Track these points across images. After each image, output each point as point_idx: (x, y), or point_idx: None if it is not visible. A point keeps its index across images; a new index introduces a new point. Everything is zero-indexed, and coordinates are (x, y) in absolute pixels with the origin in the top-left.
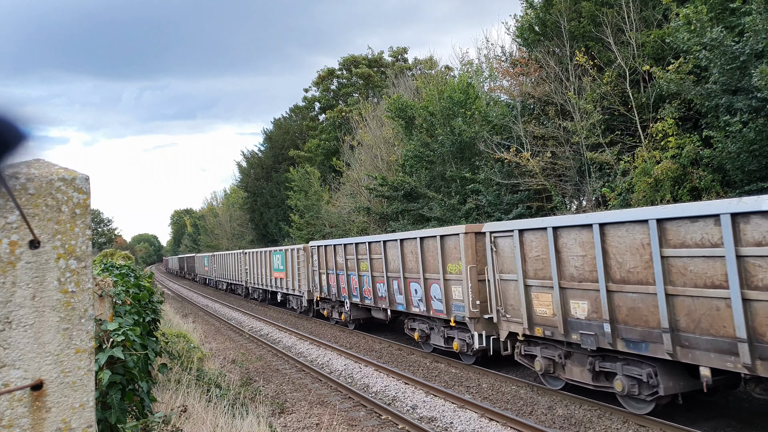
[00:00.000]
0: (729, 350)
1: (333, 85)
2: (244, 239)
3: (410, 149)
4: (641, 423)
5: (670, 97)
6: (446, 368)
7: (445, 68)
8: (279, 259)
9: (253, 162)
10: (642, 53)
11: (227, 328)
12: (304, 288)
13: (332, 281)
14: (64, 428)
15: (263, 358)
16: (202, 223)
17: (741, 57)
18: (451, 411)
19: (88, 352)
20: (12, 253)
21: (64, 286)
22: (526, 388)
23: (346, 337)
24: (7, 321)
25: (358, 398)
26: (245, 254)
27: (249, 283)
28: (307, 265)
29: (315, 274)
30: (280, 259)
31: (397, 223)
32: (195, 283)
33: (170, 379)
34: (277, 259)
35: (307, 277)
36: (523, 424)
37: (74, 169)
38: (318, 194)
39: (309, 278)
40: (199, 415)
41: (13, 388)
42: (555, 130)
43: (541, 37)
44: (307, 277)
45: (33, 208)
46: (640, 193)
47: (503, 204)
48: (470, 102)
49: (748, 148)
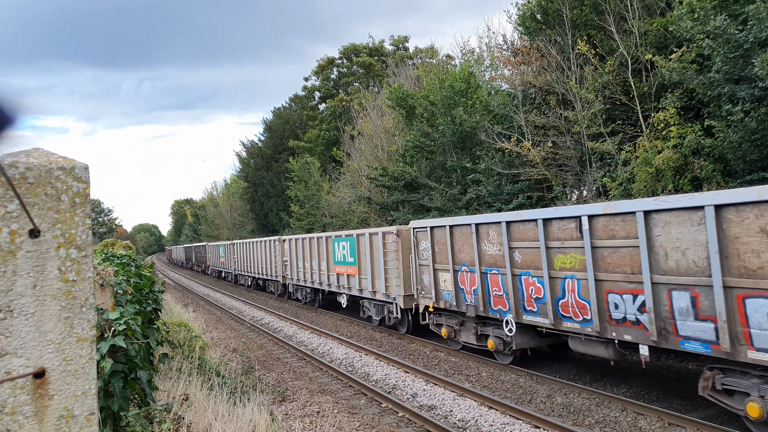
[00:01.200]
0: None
1: (333, 74)
2: (245, 229)
3: (411, 139)
4: (639, 411)
5: (672, 87)
6: (446, 357)
7: (446, 57)
8: (346, 247)
9: (253, 152)
10: (644, 42)
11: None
12: (396, 291)
13: (469, 283)
14: (66, 416)
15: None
16: (202, 213)
17: (744, 45)
18: (451, 399)
19: (90, 340)
20: (12, 243)
21: (64, 275)
22: (526, 377)
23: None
24: (9, 310)
25: (358, 386)
26: (284, 242)
27: (289, 279)
28: (404, 256)
29: (424, 271)
30: (348, 248)
31: (397, 213)
32: (206, 276)
33: (172, 367)
34: (342, 248)
35: (401, 275)
36: (522, 412)
37: (73, 159)
38: (318, 184)
39: (410, 276)
40: (200, 403)
41: (15, 375)
42: (556, 120)
43: (542, 25)
44: (401, 274)
45: (33, 197)
46: (641, 183)
47: (504, 194)
48: (471, 91)
49: (749, 137)
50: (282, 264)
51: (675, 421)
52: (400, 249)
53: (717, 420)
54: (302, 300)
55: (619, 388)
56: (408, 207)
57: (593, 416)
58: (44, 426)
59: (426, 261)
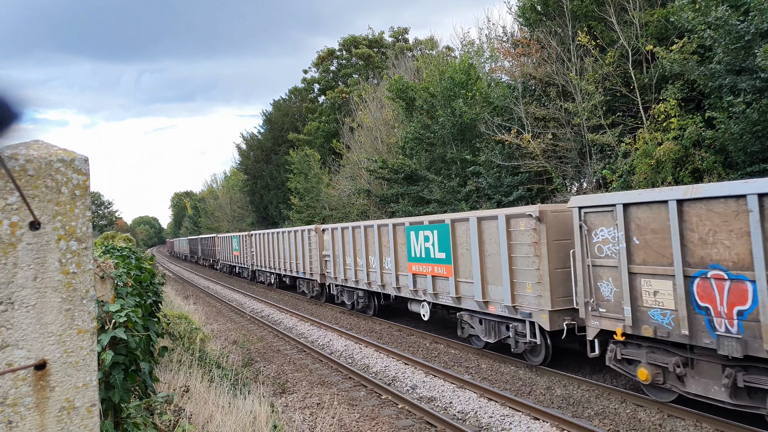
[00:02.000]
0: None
1: (333, 66)
2: (245, 221)
3: (410, 131)
4: (639, 403)
5: (672, 78)
6: (445, 349)
7: (445, 49)
8: (431, 238)
9: (252, 144)
10: (645, 33)
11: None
12: (534, 303)
13: (730, 299)
14: (68, 407)
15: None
16: (202, 205)
17: (746, 36)
18: (451, 391)
19: (91, 332)
20: (13, 235)
21: (65, 267)
22: (525, 369)
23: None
24: (10, 302)
25: (358, 378)
26: (324, 232)
27: (331, 279)
28: (550, 251)
29: (603, 275)
30: (435, 240)
31: (397, 206)
32: (214, 271)
33: (172, 359)
34: (423, 240)
35: (545, 280)
36: (522, 404)
37: (73, 151)
38: (318, 177)
39: (563, 283)
40: (201, 395)
41: (16, 367)
42: (556, 112)
43: (543, 16)
44: (546, 278)
45: (33, 189)
46: (642, 175)
47: (504, 186)
48: (471, 83)
49: (750, 129)
50: (321, 259)
51: (674, 412)
52: (543, 240)
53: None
54: (350, 305)
55: (618, 380)
56: (407, 199)
57: (592, 408)
58: (45, 417)
59: (610, 259)
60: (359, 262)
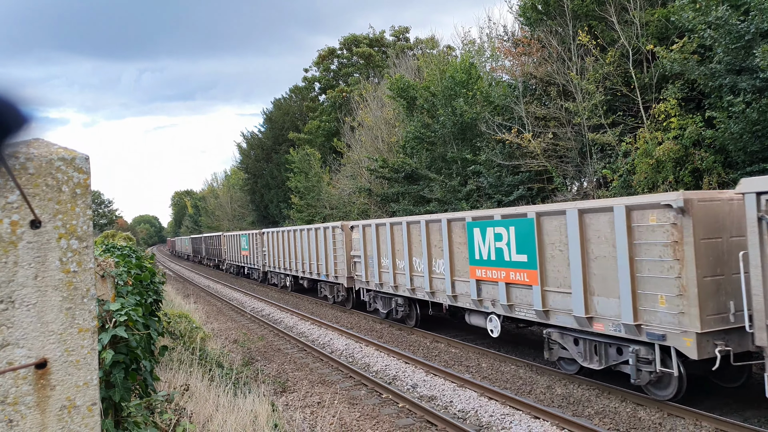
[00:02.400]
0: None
1: (333, 65)
2: (245, 220)
3: (411, 130)
4: (638, 402)
5: (673, 78)
6: (446, 348)
7: (446, 48)
8: (505, 237)
9: (253, 143)
10: (646, 33)
11: None
12: (675, 322)
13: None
14: (68, 406)
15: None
16: (202, 204)
17: (746, 36)
18: (451, 390)
19: (91, 331)
20: (13, 233)
21: (65, 266)
22: (525, 368)
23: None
24: (10, 300)
25: (359, 377)
26: (353, 229)
27: (362, 283)
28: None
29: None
30: (512, 238)
31: (398, 205)
32: (219, 272)
33: (173, 358)
34: (494, 239)
35: (693, 288)
36: (523, 403)
37: (74, 149)
38: (318, 176)
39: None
40: (201, 394)
41: (17, 366)
42: (557, 111)
43: (543, 16)
44: (692, 286)
45: (33, 187)
46: (642, 175)
47: (504, 185)
48: (472, 82)
49: (750, 128)
50: (348, 261)
51: (674, 411)
52: (688, 239)
53: (716, 411)
54: (385, 313)
55: (618, 380)
56: (408, 198)
57: (593, 407)
58: (46, 416)
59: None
60: (399, 264)
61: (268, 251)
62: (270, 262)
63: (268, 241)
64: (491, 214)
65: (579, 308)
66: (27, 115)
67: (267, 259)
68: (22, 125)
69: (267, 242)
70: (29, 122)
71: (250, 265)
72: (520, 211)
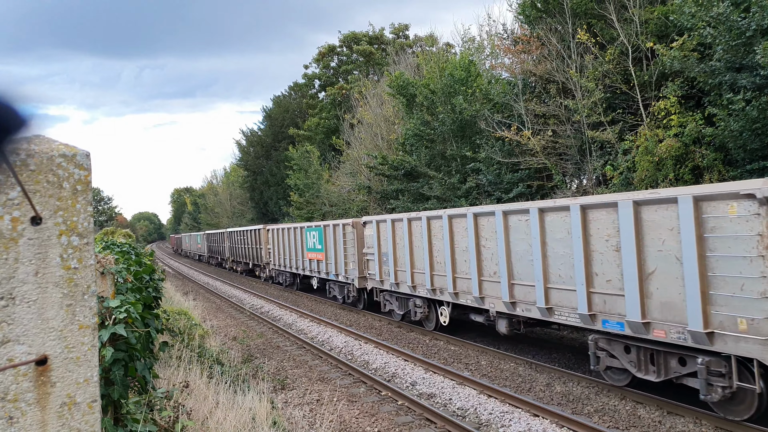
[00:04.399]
0: None
1: (333, 62)
2: (245, 218)
3: (410, 127)
4: (638, 400)
5: (672, 75)
6: (445, 345)
7: (445, 45)
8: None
9: (252, 140)
10: (645, 30)
11: None
12: None
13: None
14: (69, 403)
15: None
16: (202, 201)
17: (746, 33)
18: (450, 388)
19: (92, 328)
20: (14, 230)
21: (66, 263)
22: (525, 366)
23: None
24: (11, 297)
25: (358, 375)
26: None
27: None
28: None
29: None
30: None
31: (397, 202)
32: (255, 281)
33: (172, 355)
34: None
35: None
36: (522, 401)
37: (75, 146)
38: (318, 173)
39: None
40: (200, 391)
41: (17, 362)
42: (556, 109)
43: (543, 13)
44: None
45: (34, 184)
46: (643, 172)
47: (503, 183)
48: (471, 80)
49: (750, 126)
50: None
51: (674, 409)
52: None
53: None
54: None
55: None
56: (407, 196)
57: (592, 404)
58: (47, 413)
59: None
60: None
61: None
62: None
63: (274, 239)
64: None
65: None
66: (28, 113)
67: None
68: (23, 123)
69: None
70: (30, 120)
71: (325, 274)
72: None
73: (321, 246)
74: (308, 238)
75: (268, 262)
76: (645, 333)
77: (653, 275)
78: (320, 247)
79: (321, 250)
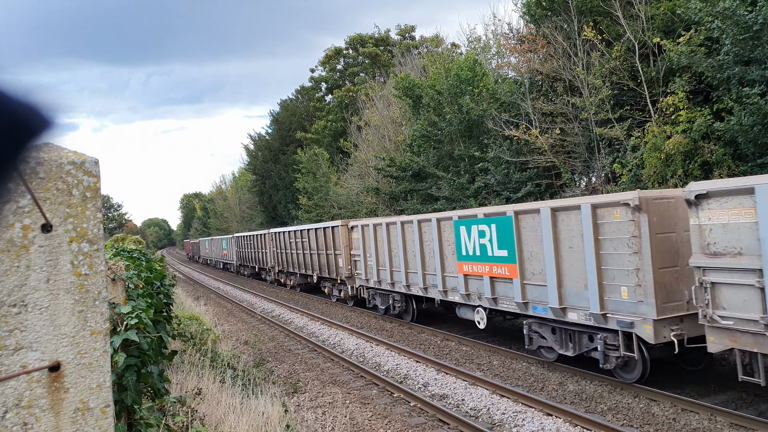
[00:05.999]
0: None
1: (340, 64)
2: (254, 222)
3: (418, 128)
4: (652, 397)
5: (680, 71)
6: (457, 346)
7: (451, 45)
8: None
9: (260, 144)
10: (651, 26)
11: None
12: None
13: None
14: (82, 408)
15: None
16: (211, 206)
17: (754, 27)
18: (463, 388)
19: (104, 333)
20: (25, 237)
21: (77, 269)
22: (537, 365)
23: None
24: (23, 304)
25: (370, 377)
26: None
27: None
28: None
29: None
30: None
31: (406, 203)
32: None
33: (184, 360)
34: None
35: None
36: (534, 400)
37: (84, 153)
38: (326, 176)
39: None
40: (213, 395)
41: (31, 369)
42: (563, 107)
43: (548, 12)
44: None
45: (44, 191)
46: (652, 169)
47: (512, 182)
48: (478, 79)
49: (762, 120)
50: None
51: (688, 407)
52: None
53: (731, 405)
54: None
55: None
56: (416, 197)
57: (606, 403)
58: (60, 419)
59: None
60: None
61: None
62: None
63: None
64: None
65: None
66: (49, 120)
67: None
68: (44, 130)
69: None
70: (51, 127)
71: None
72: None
73: (510, 250)
74: (466, 236)
75: (350, 274)
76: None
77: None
78: (505, 253)
79: (511, 260)
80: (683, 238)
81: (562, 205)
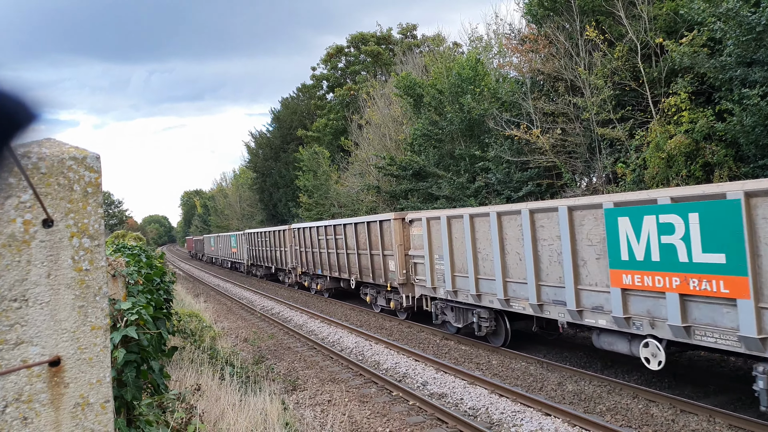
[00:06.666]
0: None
1: (341, 63)
2: (254, 219)
3: (418, 127)
4: (651, 398)
5: (682, 71)
6: (456, 345)
7: (453, 44)
8: None
9: (261, 142)
10: (654, 26)
11: None
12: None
13: None
14: (82, 403)
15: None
16: (212, 204)
17: (757, 28)
18: (462, 387)
19: (104, 329)
20: (26, 232)
21: (78, 264)
22: (536, 365)
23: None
24: (24, 299)
25: (369, 375)
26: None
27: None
28: None
29: None
30: None
31: (406, 202)
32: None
33: (183, 357)
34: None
35: None
36: (533, 400)
37: (85, 149)
38: (327, 174)
39: None
40: (212, 392)
41: (31, 363)
42: (565, 107)
43: (550, 12)
44: None
45: (45, 187)
46: (654, 169)
47: (513, 182)
48: (479, 79)
49: (763, 121)
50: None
51: (687, 408)
52: None
53: (730, 407)
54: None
55: (630, 376)
56: (417, 196)
57: (604, 403)
58: (60, 414)
59: None
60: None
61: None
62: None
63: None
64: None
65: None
66: (36, 115)
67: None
68: (30, 124)
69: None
70: (37, 122)
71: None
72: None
73: (733, 254)
74: (630, 232)
75: (406, 281)
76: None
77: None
78: (721, 259)
79: (733, 269)
80: None
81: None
